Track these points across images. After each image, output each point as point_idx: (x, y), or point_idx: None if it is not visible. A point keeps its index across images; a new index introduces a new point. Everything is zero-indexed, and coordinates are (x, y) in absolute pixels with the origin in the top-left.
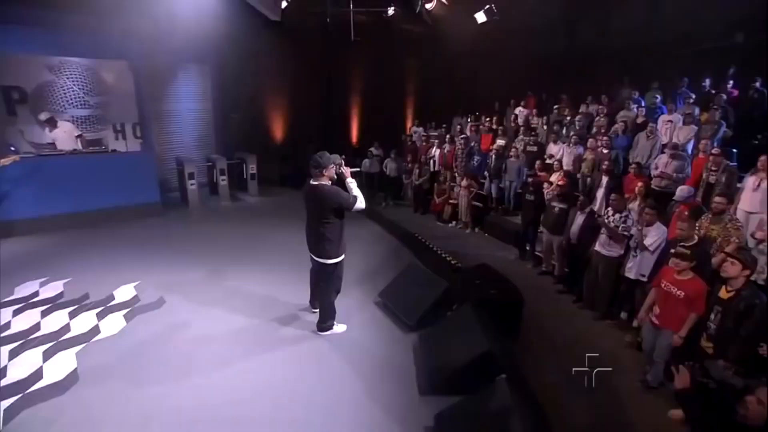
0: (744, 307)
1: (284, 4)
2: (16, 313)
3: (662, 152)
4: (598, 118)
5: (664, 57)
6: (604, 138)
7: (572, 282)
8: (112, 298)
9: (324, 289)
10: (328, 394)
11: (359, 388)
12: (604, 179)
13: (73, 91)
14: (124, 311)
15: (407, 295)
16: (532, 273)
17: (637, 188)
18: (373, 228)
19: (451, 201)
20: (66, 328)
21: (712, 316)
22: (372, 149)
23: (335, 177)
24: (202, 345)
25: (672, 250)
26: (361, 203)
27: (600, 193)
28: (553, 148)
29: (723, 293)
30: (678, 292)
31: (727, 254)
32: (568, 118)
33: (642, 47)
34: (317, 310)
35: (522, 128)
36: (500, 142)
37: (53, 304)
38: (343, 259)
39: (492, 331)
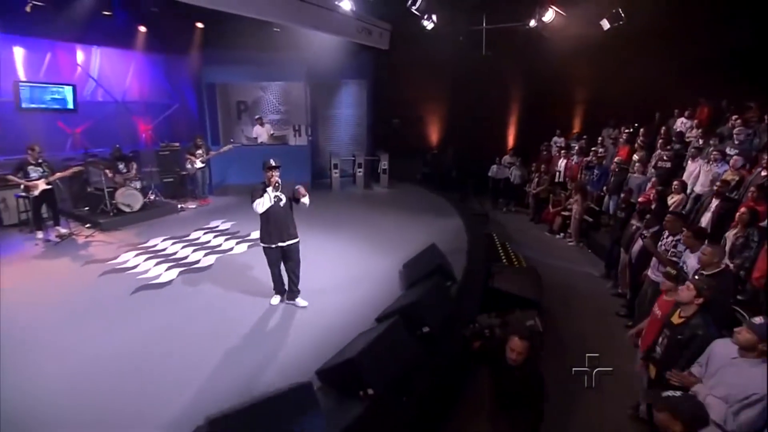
0: (687, 337)
1: (431, 25)
2: (205, 233)
3: None
4: None
5: None
6: (766, 156)
7: (632, 305)
8: (248, 234)
9: None
10: (310, 317)
11: (333, 312)
12: (714, 202)
13: (272, 103)
14: (249, 243)
15: (415, 267)
16: (606, 293)
17: (739, 214)
18: (457, 222)
19: (563, 213)
20: (220, 245)
21: (660, 340)
22: (506, 157)
23: (268, 180)
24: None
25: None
26: (255, 207)
27: (706, 218)
28: (691, 166)
29: (675, 318)
30: (657, 312)
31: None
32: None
33: None
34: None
35: (661, 140)
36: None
37: (221, 232)
38: (267, 249)
39: (437, 296)
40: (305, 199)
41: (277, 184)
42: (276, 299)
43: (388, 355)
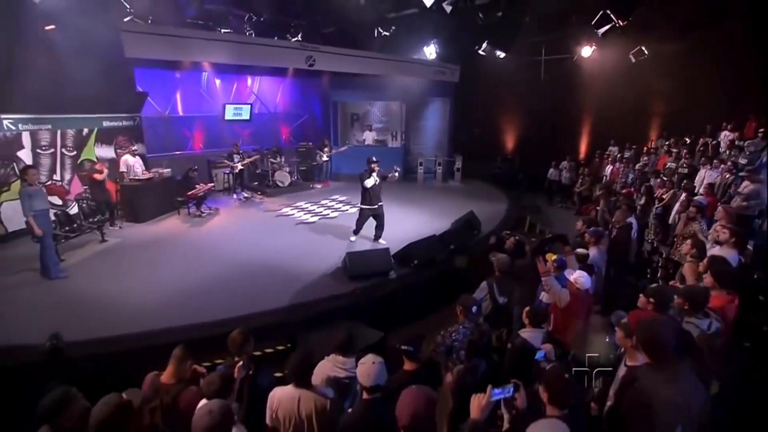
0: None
1: (503, 54)
2: (329, 201)
3: None
4: None
5: None
6: (729, 162)
7: None
8: (354, 203)
9: None
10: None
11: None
12: (683, 195)
13: (376, 115)
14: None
15: (457, 222)
16: None
17: (681, 201)
18: (503, 206)
19: (597, 208)
20: (339, 207)
21: None
22: (564, 162)
23: (372, 168)
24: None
25: None
26: (365, 184)
27: (676, 208)
28: (700, 172)
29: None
30: None
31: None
32: None
33: None
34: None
35: (685, 151)
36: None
37: (338, 201)
38: (367, 209)
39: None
40: (394, 177)
41: (378, 171)
42: (353, 237)
43: (425, 249)
